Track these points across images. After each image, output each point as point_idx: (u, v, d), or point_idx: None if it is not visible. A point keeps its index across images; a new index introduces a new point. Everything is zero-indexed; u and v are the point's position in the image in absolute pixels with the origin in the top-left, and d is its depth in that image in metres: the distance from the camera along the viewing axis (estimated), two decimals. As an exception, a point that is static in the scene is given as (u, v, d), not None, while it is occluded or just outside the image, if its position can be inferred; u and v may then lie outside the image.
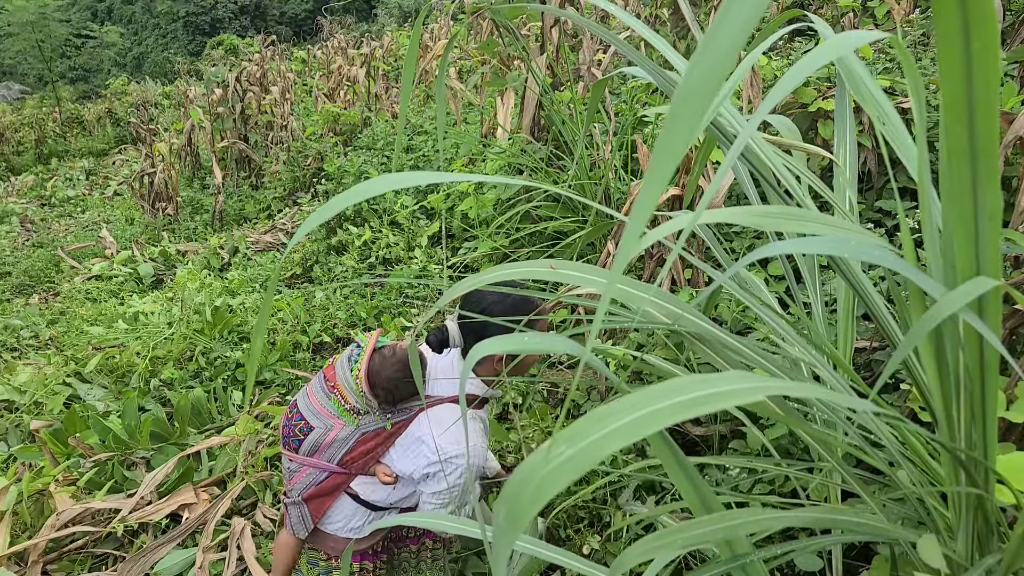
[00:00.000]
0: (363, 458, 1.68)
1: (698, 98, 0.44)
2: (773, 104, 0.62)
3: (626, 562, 0.76)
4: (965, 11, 0.59)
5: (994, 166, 0.66)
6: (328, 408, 1.69)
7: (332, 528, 1.77)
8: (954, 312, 0.66)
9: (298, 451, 1.70)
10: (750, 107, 2.69)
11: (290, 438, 1.71)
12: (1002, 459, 0.97)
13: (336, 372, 1.69)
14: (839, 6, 4.17)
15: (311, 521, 1.73)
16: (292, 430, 1.71)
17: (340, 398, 1.67)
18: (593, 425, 0.54)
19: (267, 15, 29.44)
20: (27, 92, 20.92)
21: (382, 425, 1.67)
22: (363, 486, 1.73)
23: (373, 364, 1.64)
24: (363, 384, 1.62)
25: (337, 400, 1.68)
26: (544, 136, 4.11)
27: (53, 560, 2.47)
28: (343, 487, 1.73)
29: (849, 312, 1.34)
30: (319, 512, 1.72)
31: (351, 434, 1.67)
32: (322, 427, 1.68)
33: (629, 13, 1.20)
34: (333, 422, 1.67)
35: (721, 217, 0.93)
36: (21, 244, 8.04)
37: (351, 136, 7.95)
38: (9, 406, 3.58)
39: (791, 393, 0.64)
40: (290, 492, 1.73)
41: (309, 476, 1.70)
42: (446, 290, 0.90)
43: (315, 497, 1.71)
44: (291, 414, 1.73)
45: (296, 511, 1.73)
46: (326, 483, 1.70)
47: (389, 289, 4.37)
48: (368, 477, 1.73)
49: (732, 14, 0.46)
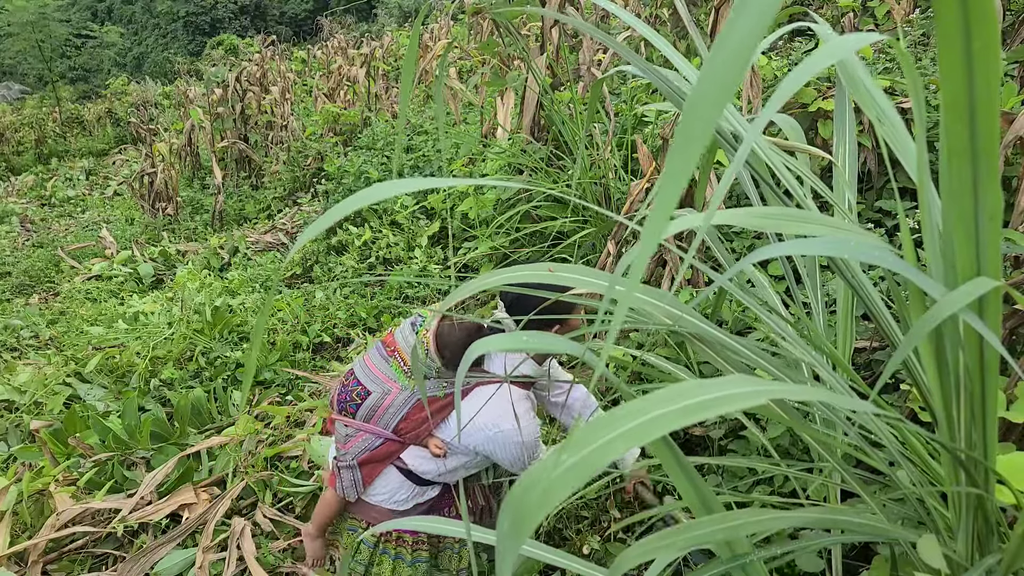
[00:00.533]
0: (417, 428, 1.71)
1: (709, 108, 0.44)
2: (774, 110, 0.62)
3: (626, 563, 0.76)
4: (965, 11, 0.59)
5: (994, 166, 0.66)
6: (387, 372, 1.73)
7: (377, 499, 1.79)
8: (954, 312, 0.66)
9: (354, 416, 1.74)
10: (750, 107, 2.68)
11: (347, 403, 1.74)
12: (1002, 459, 0.97)
13: (396, 338, 1.74)
14: (839, 6, 4.16)
15: (363, 485, 1.76)
16: (349, 395, 1.74)
17: (400, 361, 1.72)
18: (596, 431, 0.54)
19: (267, 15, 29.44)
20: (27, 92, 20.93)
21: (436, 393, 1.70)
22: (414, 458, 1.76)
23: (443, 327, 1.68)
24: (431, 343, 1.65)
25: (397, 363, 1.72)
26: (544, 136, 4.11)
27: (53, 560, 2.47)
28: (396, 455, 1.75)
29: (849, 312, 1.34)
30: (371, 477, 1.76)
31: (407, 400, 1.70)
32: (379, 391, 1.71)
33: (629, 13, 1.20)
34: (390, 386, 1.71)
35: (721, 219, 0.93)
36: (21, 244, 8.04)
37: (351, 136, 7.95)
38: (9, 406, 3.58)
39: (793, 396, 0.64)
40: (344, 456, 1.76)
41: (364, 441, 1.74)
42: (453, 289, 0.90)
43: (368, 462, 1.75)
44: (347, 380, 1.77)
45: (349, 474, 1.76)
46: (380, 449, 1.73)
47: (389, 289, 4.37)
48: (420, 449, 1.75)
49: (741, 20, 0.46)
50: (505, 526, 0.52)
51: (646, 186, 2.56)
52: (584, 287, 0.99)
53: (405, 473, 1.77)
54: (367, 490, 1.78)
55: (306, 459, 2.85)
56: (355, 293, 4.53)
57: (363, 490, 1.77)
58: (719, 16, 2.92)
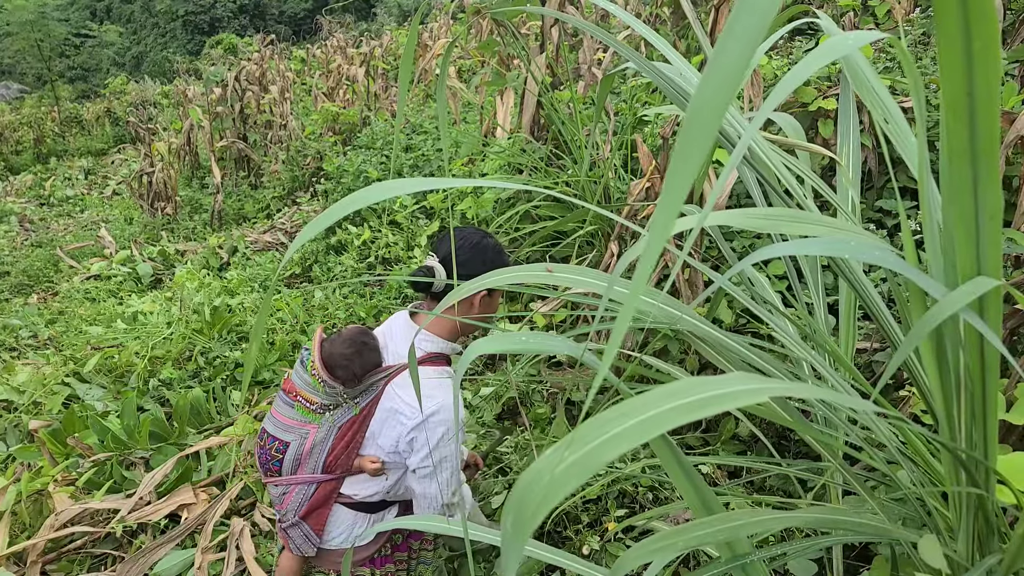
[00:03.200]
0: (344, 453, 1.66)
1: (711, 111, 0.44)
2: (774, 105, 0.61)
3: (626, 563, 0.76)
4: (966, 10, 0.59)
5: (995, 166, 0.66)
6: (296, 418, 1.67)
7: (336, 543, 1.74)
8: (955, 312, 0.65)
9: (280, 473, 1.69)
10: (751, 106, 2.68)
11: (269, 463, 1.69)
12: (1003, 459, 0.97)
13: (293, 381, 1.69)
14: (839, 5, 4.16)
15: (316, 537, 1.71)
16: (268, 454, 1.69)
17: (305, 402, 1.66)
18: (596, 429, 0.54)
19: (266, 14, 29.42)
20: (26, 91, 20.92)
21: (352, 413, 1.65)
22: (356, 486, 1.71)
23: (324, 351, 1.64)
24: (321, 372, 1.61)
25: (302, 406, 1.66)
26: (544, 135, 4.10)
27: (52, 560, 2.46)
28: (335, 493, 1.71)
29: (851, 312, 1.34)
30: (320, 525, 1.71)
31: (327, 433, 1.65)
32: (297, 438, 1.66)
33: (629, 13, 1.20)
34: (307, 429, 1.66)
35: (721, 220, 0.93)
36: (20, 244, 8.03)
37: (350, 135, 7.95)
38: (8, 406, 3.58)
39: (794, 394, 0.64)
40: (284, 516, 1.70)
41: (299, 494, 1.68)
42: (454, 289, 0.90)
43: (311, 511, 1.69)
44: (262, 441, 1.71)
45: (297, 531, 1.70)
46: (318, 494, 1.68)
47: (388, 289, 4.37)
48: (356, 476, 1.71)
49: (741, 23, 0.45)
50: (508, 525, 0.52)
51: (646, 185, 2.56)
52: (582, 287, 0.99)
53: (355, 507, 1.73)
54: (323, 539, 1.72)
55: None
56: (354, 293, 4.52)
57: (318, 541, 1.71)
58: (719, 15, 2.92)
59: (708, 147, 0.44)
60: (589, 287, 0.99)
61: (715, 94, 0.44)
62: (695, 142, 0.44)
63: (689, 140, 0.44)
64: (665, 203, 0.44)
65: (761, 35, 0.45)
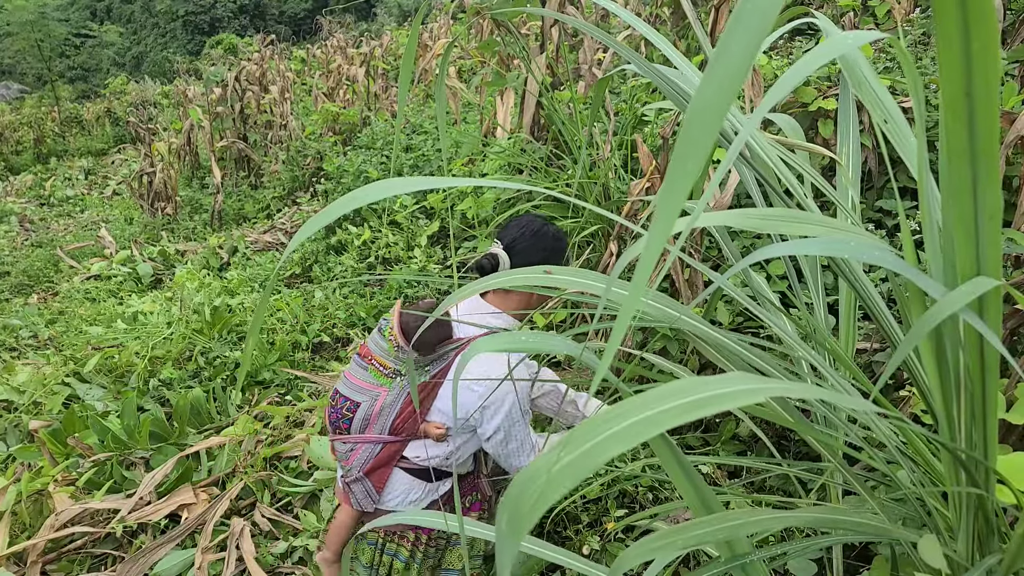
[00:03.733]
0: (412, 418, 1.73)
1: (713, 112, 0.44)
2: (773, 103, 0.61)
3: (627, 561, 0.76)
4: (965, 10, 0.59)
5: (994, 166, 0.66)
6: (368, 380, 1.76)
7: (392, 504, 1.80)
8: (954, 312, 0.65)
9: (349, 431, 1.76)
10: (751, 106, 2.68)
11: (339, 421, 1.77)
12: (1002, 459, 0.97)
13: (369, 346, 1.79)
14: (839, 5, 4.16)
15: (376, 493, 1.78)
16: (339, 413, 1.77)
17: (379, 366, 1.75)
18: (594, 429, 0.54)
19: (266, 14, 29.43)
20: (26, 91, 20.92)
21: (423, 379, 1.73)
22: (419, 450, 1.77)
23: (403, 319, 1.73)
24: (399, 338, 1.69)
25: (375, 369, 1.75)
26: (544, 135, 4.11)
27: (52, 560, 2.46)
28: (398, 455, 1.77)
29: (851, 312, 1.34)
30: (381, 483, 1.78)
31: (396, 397, 1.73)
32: (368, 399, 1.74)
33: (629, 12, 1.20)
34: (377, 391, 1.74)
35: (718, 220, 0.93)
36: (20, 244, 8.03)
37: (350, 135, 7.95)
38: (8, 406, 3.58)
39: (793, 394, 0.64)
40: (349, 471, 1.78)
41: (365, 451, 1.76)
42: (453, 289, 0.90)
43: (375, 469, 1.77)
44: (334, 400, 1.79)
45: (360, 487, 1.78)
46: (382, 454, 1.75)
47: (388, 289, 4.37)
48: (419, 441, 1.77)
49: (743, 24, 0.45)
50: (503, 523, 0.52)
51: (646, 185, 2.56)
52: (578, 288, 0.99)
53: (414, 473, 1.78)
54: (381, 497, 1.79)
55: (305, 459, 2.85)
56: (354, 293, 4.52)
57: (378, 498, 1.78)
58: (719, 15, 2.92)
59: (709, 147, 0.44)
60: (588, 288, 0.99)
61: (716, 94, 0.44)
62: (696, 142, 0.44)
63: (690, 140, 0.44)
64: (665, 203, 0.44)
65: (763, 35, 0.45)
